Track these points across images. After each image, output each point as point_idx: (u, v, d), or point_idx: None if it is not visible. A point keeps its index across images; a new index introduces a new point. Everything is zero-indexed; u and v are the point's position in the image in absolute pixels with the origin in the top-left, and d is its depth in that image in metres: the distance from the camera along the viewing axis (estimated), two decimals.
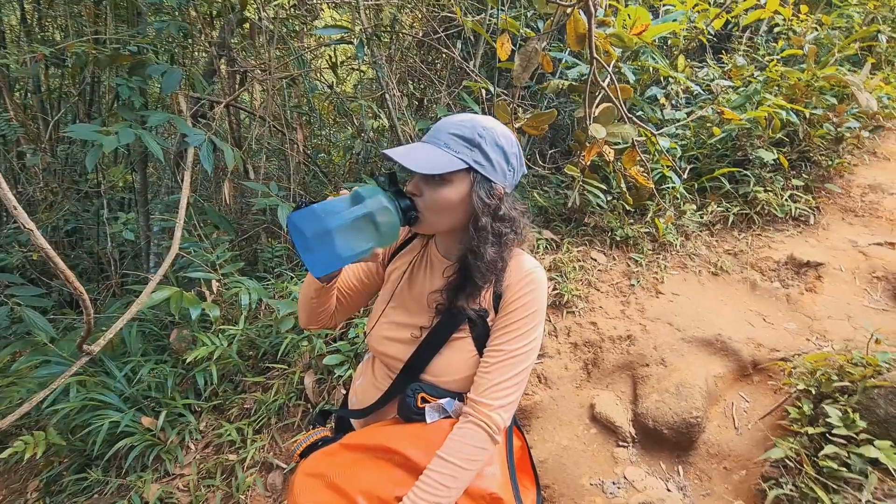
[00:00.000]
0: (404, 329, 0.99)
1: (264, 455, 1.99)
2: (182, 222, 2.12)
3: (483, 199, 0.86)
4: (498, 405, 0.88)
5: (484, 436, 0.87)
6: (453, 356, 0.94)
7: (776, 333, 2.12)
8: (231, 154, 2.27)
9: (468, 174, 0.86)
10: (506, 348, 0.90)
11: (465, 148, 0.86)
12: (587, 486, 1.71)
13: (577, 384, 2.07)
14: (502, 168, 0.89)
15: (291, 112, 3.24)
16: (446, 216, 0.88)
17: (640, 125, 2.20)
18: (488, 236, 0.87)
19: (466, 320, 0.93)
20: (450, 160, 0.84)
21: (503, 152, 0.89)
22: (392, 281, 1.06)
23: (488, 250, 0.87)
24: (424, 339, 0.95)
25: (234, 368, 2.30)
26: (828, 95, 2.87)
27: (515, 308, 0.91)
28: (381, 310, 1.05)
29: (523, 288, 0.92)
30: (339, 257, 0.79)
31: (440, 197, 0.86)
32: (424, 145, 0.88)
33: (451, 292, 0.93)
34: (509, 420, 0.90)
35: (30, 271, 3.31)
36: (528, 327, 0.91)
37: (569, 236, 2.64)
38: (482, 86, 2.61)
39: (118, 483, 2.00)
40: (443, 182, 0.86)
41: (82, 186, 3.54)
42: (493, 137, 0.88)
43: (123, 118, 2.17)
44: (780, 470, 1.57)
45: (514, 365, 0.90)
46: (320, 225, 0.78)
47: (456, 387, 0.95)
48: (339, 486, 0.86)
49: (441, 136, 0.87)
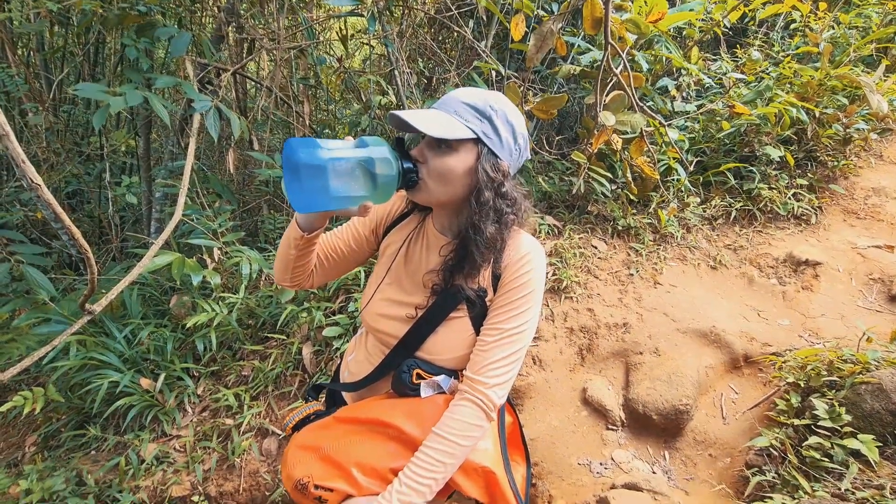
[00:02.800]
0: (400, 307, 0.99)
1: (260, 421, 2.03)
2: (186, 188, 2.11)
3: (488, 172, 0.85)
4: (494, 383, 0.88)
5: (480, 413, 0.87)
6: (449, 335, 0.94)
7: (770, 329, 2.15)
8: (237, 122, 2.25)
9: (476, 146, 0.85)
10: (503, 327, 0.90)
11: (476, 119, 0.85)
12: (575, 465, 1.75)
13: (571, 368, 2.11)
14: (510, 145, 0.88)
15: (298, 84, 3.20)
16: (448, 186, 0.87)
17: (651, 114, 2.19)
18: (489, 212, 0.86)
19: (464, 300, 0.93)
20: (460, 128, 0.84)
21: (512, 130, 0.88)
22: (387, 256, 1.05)
23: (488, 227, 0.86)
24: (420, 318, 0.95)
25: (233, 336, 2.32)
26: (839, 95, 2.86)
27: (513, 287, 0.91)
28: (375, 286, 1.04)
29: (522, 268, 0.91)
30: (328, 195, 0.75)
31: (445, 165, 0.85)
32: (436, 112, 0.86)
33: (447, 272, 0.92)
34: (504, 398, 0.91)
35: (31, 231, 3.31)
36: (525, 307, 0.91)
37: (571, 223, 2.64)
38: (493, 67, 2.58)
39: (116, 440, 2.04)
40: (449, 150, 0.85)
41: (84, 149, 3.51)
42: (505, 113, 0.87)
43: (130, 80, 2.15)
44: (764, 458, 1.61)
45: (511, 344, 0.90)
46: (318, 156, 0.73)
47: (452, 364, 0.95)
48: (333, 459, 0.87)
49: (453, 104, 0.86)
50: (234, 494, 1.91)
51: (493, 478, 0.90)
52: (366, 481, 0.85)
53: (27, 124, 3.05)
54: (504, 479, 0.93)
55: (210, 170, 3.36)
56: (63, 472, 1.93)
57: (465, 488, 0.89)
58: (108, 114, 1.96)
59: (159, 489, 1.90)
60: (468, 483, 0.89)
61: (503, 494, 0.91)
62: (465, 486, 0.89)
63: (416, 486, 0.82)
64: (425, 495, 0.82)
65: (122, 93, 1.94)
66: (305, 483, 0.85)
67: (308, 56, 2.92)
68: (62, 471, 1.93)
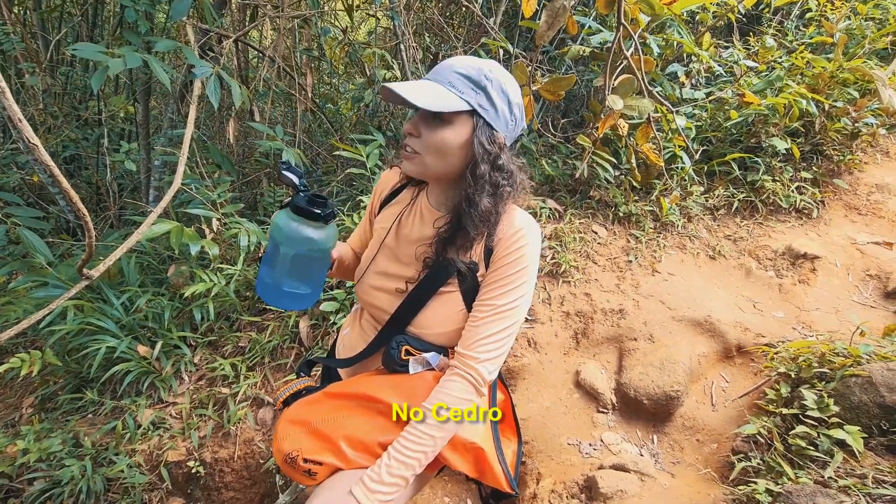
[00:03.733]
0: (391, 280, 0.98)
1: (256, 391, 2.05)
2: (185, 157, 2.08)
3: (484, 144, 0.84)
4: (485, 358, 0.88)
5: (470, 388, 0.87)
6: (440, 309, 0.93)
7: (764, 320, 2.17)
8: (238, 91, 2.21)
9: (471, 118, 0.83)
10: (495, 303, 0.89)
11: (471, 90, 0.83)
12: (565, 445, 1.79)
13: (565, 351, 2.12)
14: (505, 116, 0.86)
15: (301, 55, 3.14)
16: (443, 160, 0.85)
17: (660, 100, 2.16)
18: (485, 185, 0.85)
19: (455, 273, 0.92)
20: (454, 99, 0.81)
21: (508, 100, 0.86)
22: (381, 230, 1.05)
23: (483, 199, 0.85)
24: (411, 292, 0.95)
25: (230, 307, 2.33)
26: (851, 89, 2.82)
27: (506, 263, 0.89)
28: (370, 259, 1.04)
29: (515, 243, 0.89)
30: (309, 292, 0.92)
31: (439, 138, 0.83)
32: (428, 83, 0.84)
33: (440, 245, 0.91)
34: (495, 374, 0.91)
35: (27, 195, 3.28)
36: (518, 282, 0.89)
37: (572, 207, 2.63)
38: (501, 45, 2.52)
39: (112, 405, 2.06)
40: (443, 123, 0.83)
41: (82, 113, 3.45)
42: (500, 83, 0.85)
43: (129, 42, 2.10)
44: (751, 445, 1.64)
45: (502, 319, 0.89)
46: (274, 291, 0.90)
47: (443, 340, 0.95)
48: (321, 432, 0.88)
49: (446, 74, 0.84)
50: (229, 461, 1.94)
51: (481, 454, 0.91)
52: (354, 455, 0.85)
53: (24, 85, 2.99)
54: (493, 455, 0.93)
55: (210, 140, 3.32)
56: (60, 433, 1.95)
57: (454, 463, 0.90)
58: (106, 77, 1.92)
59: (155, 453, 1.93)
60: (457, 458, 0.90)
61: (492, 470, 0.92)
62: (453, 461, 0.90)
63: (404, 459, 0.83)
64: (414, 469, 0.83)
65: (120, 55, 1.89)
66: (294, 457, 0.86)
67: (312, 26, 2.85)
68: (59, 432, 1.96)
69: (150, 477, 1.90)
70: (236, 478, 1.96)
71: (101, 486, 1.84)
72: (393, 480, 0.82)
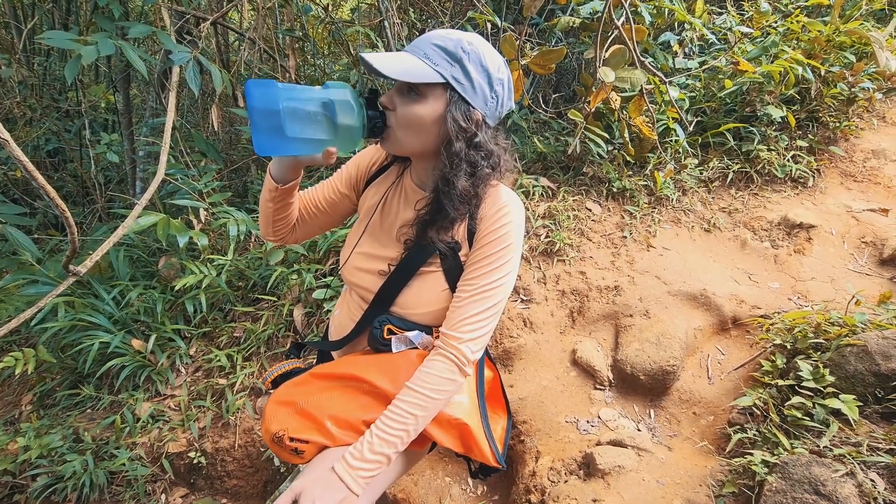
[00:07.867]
0: (375, 261, 0.98)
1: (253, 381, 2.05)
2: (167, 146, 2.03)
3: (458, 121, 0.80)
4: (468, 338, 0.88)
5: (453, 368, 0.88)
6: (422, 289, 0.93)
7: (760, 291, 2.16)
8: (219, 76, 2.14)
9: (445, 91, 0.80)
10: (478, 282, 0.88)
11: (445, 61, 0.79)
12: (562, 422, 1.80)
13: (562, 330, 2.12)
14: (483, 92, 0.82)
15: (283, 36, 3.04)
16: (416, 135, 0.83)
17: (652, 71, 2.11)
18: (461, 164, 0.83)
19: (437, 253, 0.91)
20: (427, 70, 0.78)
21: (487, 75, 0.82)
22: (366, 210, 1.04)
23: (461, 179, 0.83)
24: (393, 272, 0.95)
25: (223, 298, 2.31)
26: (847, 52, 2.75)
27: (489, 241, 0.88)
28: (355, 240, 1.03)
29: (498, 221, 0.88)
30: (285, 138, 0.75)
31: (411, 112, 0.81)
32: (405, 54, 0.81)
33: (420, 226, 0.90)
34: (480, 353, 0.91)
35: (12, 191, 3.21)
36: (502, 261, 0.88)
37: (566, 185, 2.60)
38: (488, 18, 2.44)
39: (110, 400, 2.06)
40: (417, 96, 0.80)
41: (62, 104, 3.36)
42: (479, 56, 0.81)
43: (102, 29, 2.02)
44: (747, 416, 1.66)
45: (486, 299, 0.88)
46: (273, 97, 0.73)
47: (426, 320, 0.95)
48: (308, 412, 0.89)
49: (423, 45, 0.81)
50: (230, 450, 1.95)
51: (466, 430, 0.93)
52: (339, 433, 0.87)
53: None
54: (479, 430, 0.95)
55: (194, 127, 3.24)
56: (60, 429, 1.95)
57: (441, 439, 0.92)
58: (81, 65, 1.86)
59: (156, 446, 1.94)
60: (443, 434, 0.92)
61: (478, 445, 0.94)
62: (439, 438, 0.92)
63: (387, 437, 0.84)
64: (396, 446, 0.85)
65: (93, 42, 1.82)
66: (281, 436, 0.87)
67: (293, 4, 2.75)
68: (59, 428, 1.96)
69: (152, 469, 1.91)
70: (238, 466, 1.97)
71: (103, 479, 1.85)
72: (375, 458, 0.83)
